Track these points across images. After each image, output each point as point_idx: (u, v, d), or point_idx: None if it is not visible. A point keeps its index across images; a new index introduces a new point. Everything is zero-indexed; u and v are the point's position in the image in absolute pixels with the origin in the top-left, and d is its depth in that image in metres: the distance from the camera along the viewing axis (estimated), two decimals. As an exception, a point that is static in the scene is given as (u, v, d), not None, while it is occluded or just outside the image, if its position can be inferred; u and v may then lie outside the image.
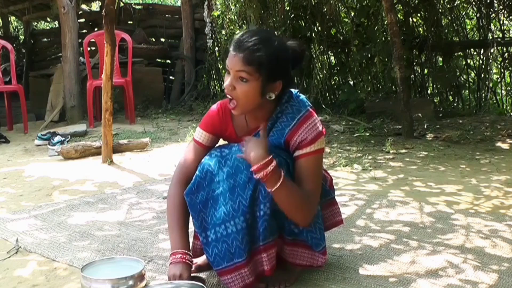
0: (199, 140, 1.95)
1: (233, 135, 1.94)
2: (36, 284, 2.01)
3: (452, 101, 6.69)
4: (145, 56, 7.86)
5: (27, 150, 5.02)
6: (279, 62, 1.77)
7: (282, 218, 1.80)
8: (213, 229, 1.79)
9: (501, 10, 6.38)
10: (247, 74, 1.74)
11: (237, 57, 1.74)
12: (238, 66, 1.74)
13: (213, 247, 1.79)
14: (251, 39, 1.76)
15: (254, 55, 1.73)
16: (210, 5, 7.34)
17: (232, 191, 1.77)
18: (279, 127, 1.84)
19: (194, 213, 1.82)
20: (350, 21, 6.74)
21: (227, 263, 1.77)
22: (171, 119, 6.55)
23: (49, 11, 8.37)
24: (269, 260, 1.78)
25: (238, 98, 1.77)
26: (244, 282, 1.78)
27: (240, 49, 1.74)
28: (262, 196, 1.75)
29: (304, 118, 1.83)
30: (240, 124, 1.93)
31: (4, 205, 3.10)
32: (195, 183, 1.83)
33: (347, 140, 4.90)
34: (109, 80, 4.08)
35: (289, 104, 1.86)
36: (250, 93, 1.76)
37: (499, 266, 2.04)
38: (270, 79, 1.77)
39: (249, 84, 1.75)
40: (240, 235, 1.74)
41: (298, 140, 1.81)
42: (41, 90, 7.43)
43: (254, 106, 1.80)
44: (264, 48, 1.74)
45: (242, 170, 1.77)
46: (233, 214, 1.75)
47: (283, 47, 1.81)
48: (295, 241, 1.85)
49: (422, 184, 3.34)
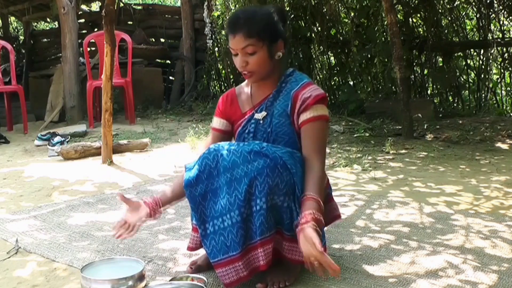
0: (215, 126, 2.13)
1: (238, 112, 2.08)
2: (36, 285, 2.01)
3: (452, 101, 6.70)
4: (145, 57, 7.86)
5: (27, 150, 5.02)
6: (272, 23, 1.95)
7: (280, 213, 1.82)
8: (211, 222, 1.82)
9: (501, 11, 6.38)
10: (252, 46, 1.89)
11: (237, 36, 1.90)
12: (241, 43, 1.90)
13: (211, 239, 1.82)
14: (240, 17, 1.94)
15: (251, 27, 1.89)
16: (210, 5, 7.35)
17: (229, 185, 1.80)
18: (285, 93, 2.00)
19: (194, 205, 1.86)
20: (350, 22, 6.75)
21: (223, 255, 1.80)
22: (171, 120, 6.55)
23: (49, 12, 8.37)
24: (266, 255, 1.80)
25: (253, 69, 1.93)
26: (238, 275, 1.80)
27: (236, 28, 1.90)
28: (258, 191, 1.77)
29: (307, 83, 1.99)
30: (245, 101, 2.08)
31: (4, 206, 3.10)
32: (194, 176, 1.86)
33: (347, 141, 4.90)
34: (109, 81, 4.08)
35: (292, 76, 2.03)
36: (262, 60, 1.92)
37: (499, 266, 2.04)
38: (272, 41, 1.93)
39: (258, 54, 1.91)
40: (235, 229, 1.78)
41: (303, 98, 1.94)
42: (41, 90, 7.43)
43: (268, 70, 1.97)
44: (254, 18, 1.92)
45: (238, 165, 1.80)
46: (229, 207, 1.79)
47: (267, 10, 1.98)
48: (294, 237, 1.84)
49: (422, 185, 3.34)
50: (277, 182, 1.78)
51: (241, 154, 1.81)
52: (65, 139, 5.10)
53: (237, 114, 2.08)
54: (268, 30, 1.91)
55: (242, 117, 2.06)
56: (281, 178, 1.78)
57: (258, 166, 1.78)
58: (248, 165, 1.79)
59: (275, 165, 1.78)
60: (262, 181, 1.76)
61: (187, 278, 1.91)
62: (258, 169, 1.78)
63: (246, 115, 2.05)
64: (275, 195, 1.78)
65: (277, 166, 1.78)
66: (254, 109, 2.04)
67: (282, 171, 1.78)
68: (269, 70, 1.97)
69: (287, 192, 1.80)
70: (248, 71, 1.93)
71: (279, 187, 1.78)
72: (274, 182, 1.77)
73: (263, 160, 1.78)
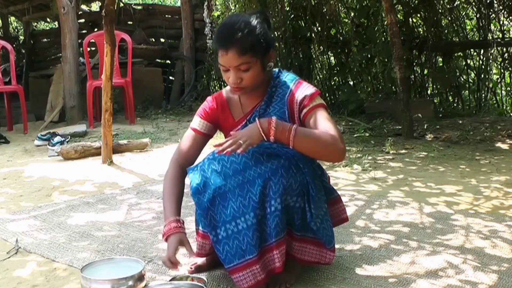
0: (195, 127, 2.01)
1: (230, 120, 1.99)
2: (36, 285, 2.01)
3: (452, 101, 6.70)
4: (145, 57, 7.87)
5: (27, 150, 5.02)
6: (263, 35, 1.85)
7: (292, 213, 1.80)
8: (223, 227, 1.78)
9: (501, 11, 6.38)
10: (246, 64, 1.81)
11: (230, 53, 1.80)
12: (235, 61, 1.81)
13: (224, 244, 1.78)
14: (231, 31, 1.82)
15: (244, 43, 1.79)
16: (210, 5, 7.35)
17: (241, 187, 1.77)
18: (277, 99, 1.92)
19: (203, 211, 1.81)
20: (350, 22, 6.74)
21: (239, 260, 1.76)
22: (171, 120, 6.55)
23: (49, 12, 8.38)
24: (281, 257, 1.78)
25: (247, 85, 1.86)
26: (255, 279, 1.77)
27: (228, 45, 1.80)
28: (272, 192, 1.75)
29: (297, 83, 1.93)
30: (237, 109, 1.99)
31: (4, 206, 3.10)
32: (201, 183, 1.83)
33: (347, 141, 4.89)
34: (109, 81, 4.08)
35: (279, 78, 1.96)
36: (256, 75, 1.85)
37: (498, 266, 2.04)
38: (264, 53, 1.86)
39: (252, 70, 1.83)
40: (250, 231, 1.74)
41: (299, 98, 1.87)
42: (41, 90, 7.44)
43: (260, 82, 1.90)
44: (246, 33, 1.81)
45: (251, 166, 1.78)
46: (243, 210, 1.75)
47: (256, 21, 1.87)
48: (304, 237, 1.85)
49: (422, 185, 3.34)
50: (291, 182, 1.77)
51: (253, 156, 1.79)
52: (65, 139, 5.10)
53: (229, 121, 2.00)
54: (260, 43, 1.83)
55: (236, 125, 1.96)
56: (294, 179, 1.77)
57: (272, 166, 1.76)
58: (261, 166, 1.77)
59: (289, 165, 1.77)
60: (276, 181, 1.75)
61: (187, 278, 1.91)
62: (272, 169, 1.76)
63: (240, 123, 1.96)
64: (288, 195, 1.77)
65: (291, 166, 1.77)
66: (246, 118, 1.95)
67: (296, 171, 1.77)
68: (261, 81, 1.90)
69: (300, 192, 1.79)
70: (242, 87, 1.86)
71: (292, 188, 1.77)
72: (288, 183, 1.76)
73: (277, 160, 1.77)
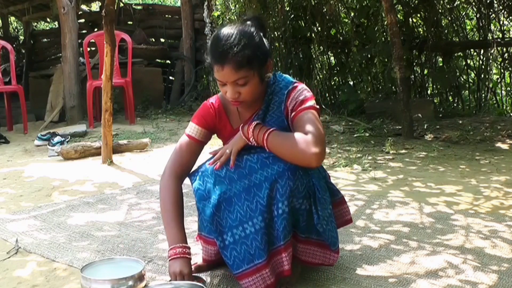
0: (192, 134, 1.96)
1: (228, 128, 1.96)
2: (35, 285, 2.01)
3: (452, 101, 6.70)
4: (145, 57, 7.87)
5: (27, 150, 5.02)
6: (259, 46, 1.80)
7: (297, 216, 1.79)
8: (229, 232, 1.77)
9: (501, 11, 6.39)
10: (243, 78, 1.77)
11: (226, 69, 1.75)
12: (232, 77, 1.76)
13: (232, 249, 1.77)
14: (226, 45, 1.74)
15: (240, 57, 1.73)
16: (210, 5, 7.34)
17: (248, 191, 1.76)
18: (274, 107, 1.89)
19: (209, 217, 1.80)
20: (350, 22, 6.75)
21: (248, 264, 1.75)
22: (171, 120, 6.55)
23: (49, 12, 8.38)
24: (289, 259, 1.77)
25: (246, 98, 1.81)
26: (265, 283, 1.76)
27: (224, 60, 1.74)
28: (279, 195, 1.74)
29: (292, 89, 1.88)
30: (234, 117, 1.96)
31: (4, 206, 3.09)
32: (205, 189, 1.82)
33: (347, 141, 4.90)
34: (109, 81, 4.08)
35: (275, 85, 1.91)
36: (254, 87, 1.81)
37: (498, 266, 2.04)
38: (262, 65, 1.81)
39: (250, 83, 1.79)
40: (259, 235, 1.73)
41: (291, 104, 1.85)
42: (41, 90, 7.44)
43: (259, 93, 1.86)
44: (240, 45, 1.74)
45: (257, 170, 1.77)
46: (251, 214, 1.74)
47: (251, 31, 1.80)
48: (308, 239, 1.84)
49: (421, 185, 3.34)
50: (298, 184, 1.75)
51: (258, 160, 1.77)
52: (65, 139, 5.10)
53: (227, 129, 1.97)
54: (257, 56, 1.77)
55: (234, 133, 1.91)
56: (301, 181, 1.76)
57: (278, 169, 1.75)
58: (267, 169, 1.76)
59: (296, 168, 1.75)
60: (283, 184, 1.73)
61: (187, 278, 1.90)
62: (279, 172, 1.74)
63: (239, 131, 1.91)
64: (295, 197, 1.76)
65: (297, 169, 1.75)
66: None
67: (302, 173, 1.76)
68: (260, 93, 1.86)
69: (305, 194, 1.78)
70: (240, 100, 1.82)
71: (299, 190, 1.76)
72: (295, 185, 1.75)
73: (283, 163, 1.75)
